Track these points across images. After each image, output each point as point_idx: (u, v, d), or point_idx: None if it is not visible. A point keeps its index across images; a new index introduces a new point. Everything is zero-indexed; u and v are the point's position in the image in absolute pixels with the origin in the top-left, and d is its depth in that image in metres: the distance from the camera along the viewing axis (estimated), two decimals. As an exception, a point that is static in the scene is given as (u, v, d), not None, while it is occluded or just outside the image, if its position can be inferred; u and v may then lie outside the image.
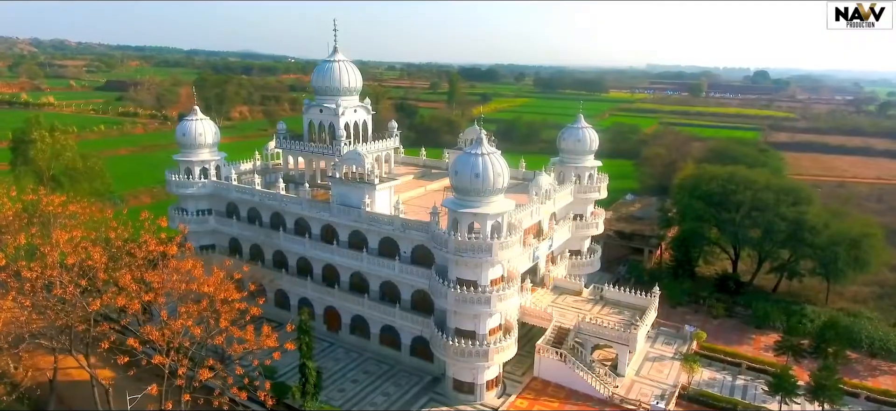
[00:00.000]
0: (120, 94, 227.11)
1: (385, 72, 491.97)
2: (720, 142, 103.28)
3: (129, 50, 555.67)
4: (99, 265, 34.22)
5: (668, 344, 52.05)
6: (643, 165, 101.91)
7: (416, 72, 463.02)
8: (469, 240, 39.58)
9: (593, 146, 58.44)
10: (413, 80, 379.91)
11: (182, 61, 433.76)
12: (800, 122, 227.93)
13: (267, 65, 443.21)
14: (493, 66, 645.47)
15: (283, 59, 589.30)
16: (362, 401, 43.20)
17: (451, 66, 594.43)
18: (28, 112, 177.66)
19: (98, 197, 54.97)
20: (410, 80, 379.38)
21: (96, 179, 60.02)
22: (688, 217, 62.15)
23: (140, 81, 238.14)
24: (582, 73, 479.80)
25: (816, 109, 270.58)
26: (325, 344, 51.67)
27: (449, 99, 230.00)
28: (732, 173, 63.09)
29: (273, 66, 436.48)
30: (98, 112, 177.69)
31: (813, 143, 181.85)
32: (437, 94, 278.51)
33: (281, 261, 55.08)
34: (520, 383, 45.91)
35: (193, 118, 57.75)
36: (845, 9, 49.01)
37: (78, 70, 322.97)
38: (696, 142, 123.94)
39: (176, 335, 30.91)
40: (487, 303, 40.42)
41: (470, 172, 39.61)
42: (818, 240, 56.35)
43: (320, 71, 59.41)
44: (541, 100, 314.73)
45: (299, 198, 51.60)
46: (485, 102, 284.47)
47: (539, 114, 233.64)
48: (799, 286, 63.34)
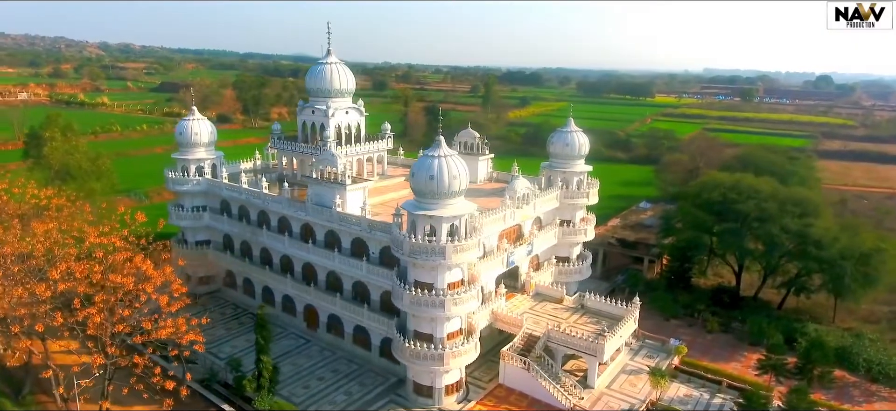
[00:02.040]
0: (170, 95, 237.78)
1: (430, 75, 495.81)
2: (749, 148, 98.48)
3: (188, 53, 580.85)
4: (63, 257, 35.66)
5: (650, 358, 50.09)
6: (663, 172, 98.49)
7: (461, 75, 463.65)
8: (424, 242, 39.41)
9: (583, 150, 57.08)
10: (455, 83, 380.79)
11: (235, 64, 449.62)
12: (858, 130, 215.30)
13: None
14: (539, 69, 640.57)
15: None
16: (323, 399, 43.60)
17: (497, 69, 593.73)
18: (83, 112, 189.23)
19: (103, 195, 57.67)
20: (453, 83, 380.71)
21: (103, 178, 63.18)
22: (685, 225, 59.66)
23: (190, 83, 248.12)
24: (630, 77, 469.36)
25: (879, 117, 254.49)
26: (303, 341, 52.52)
27: (484, 102, 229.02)
28: (737, 181, 60.11)
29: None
30: (145, 112, 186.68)
31: (869, 152, 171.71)
32: (476, 98, 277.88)
33: (267, 258, 56.34)
34: (484, 389, 45.27)
35: (190, 118, 60.01)
36: (845, 9, 48.13)
37: (137, 72, 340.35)
38: (730, 148, 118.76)
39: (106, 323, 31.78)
40: (442, 306, 40.10)
41: (425, 174, 39.44)
42: (825, 255, 52.99)
43: (313, 73, 60.62)
44: (582, 104, 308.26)
45: (280, 197, 52.68)
46: (523, 106, 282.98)
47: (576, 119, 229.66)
48: (806, 303, 59.79)
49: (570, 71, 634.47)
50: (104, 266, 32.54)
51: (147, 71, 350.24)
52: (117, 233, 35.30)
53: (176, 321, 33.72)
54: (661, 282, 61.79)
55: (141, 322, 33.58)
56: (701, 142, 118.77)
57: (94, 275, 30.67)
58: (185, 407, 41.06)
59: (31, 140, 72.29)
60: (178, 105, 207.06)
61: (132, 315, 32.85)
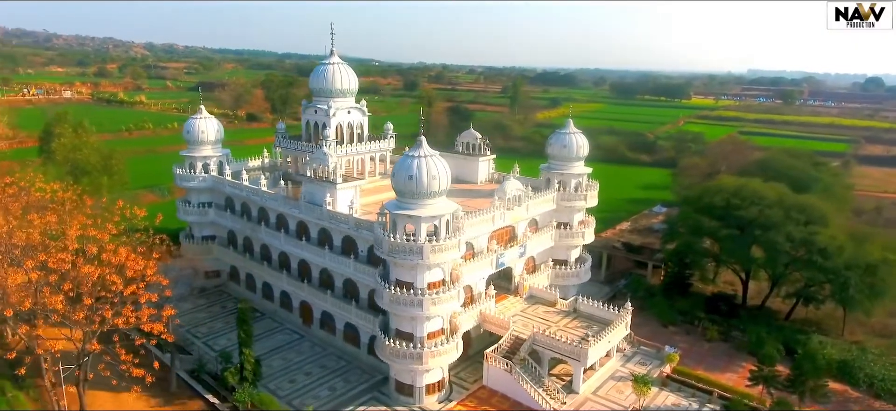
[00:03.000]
0: (206, 94, 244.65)
1: (463, 75, 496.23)
2: (773, 152, 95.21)
3: (229, 53, 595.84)
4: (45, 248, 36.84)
5: (643, 365, 49.20)
6: (680, 176, 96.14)
7: (495, 76, 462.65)
8: (403, 242, 39.73)
9: (581, 152, 56.32)
10: (487, 83, 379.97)
11: (273, 64, 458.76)
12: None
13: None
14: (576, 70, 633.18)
15: (368, 62, 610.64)
16: (306, 394, 44.38)
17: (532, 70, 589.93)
18: (121, 110, 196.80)
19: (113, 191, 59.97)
20: (484, 84, 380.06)
21: (114, 174, 65.81)
22: (685, 230, 58.23)
23: (226, 83, 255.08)
24: (668, 78, 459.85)
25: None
26: (297, 336, 53.53)
27: (511, 103, 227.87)
28: (741, 186, 58.35)
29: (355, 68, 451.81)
30: (179, 110, 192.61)
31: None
32: (505, 98, 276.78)
33: (267, 254, 57.60)
34: (467, 390, 45.29)
35: (197, 117, 61.88)
36: (845, 9, 47.84)
37: (177, 72, 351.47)
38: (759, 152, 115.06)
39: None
40: (420, 305, 40.35)
41: (405, 174, 39.75)
42: (830, 264, 50.99)
43: (316, 73, 61.70)
44: (614, 105, 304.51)
45: (276, 195, 53.83)
46: (554, 107, 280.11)
47: (606, 120, 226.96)
48: (816, 314, 57.62)
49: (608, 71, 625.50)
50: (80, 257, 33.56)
51: (187, 71, 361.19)
52: (101, 227, 36.54)
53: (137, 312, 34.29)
54: (662, 288, 60.40)
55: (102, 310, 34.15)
56: (726, 146, 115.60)
57: (64, 265, 31.89)
58: (173, 396, 42.62)
59: (44, 137, 75.90)
60: (213, 104, 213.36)
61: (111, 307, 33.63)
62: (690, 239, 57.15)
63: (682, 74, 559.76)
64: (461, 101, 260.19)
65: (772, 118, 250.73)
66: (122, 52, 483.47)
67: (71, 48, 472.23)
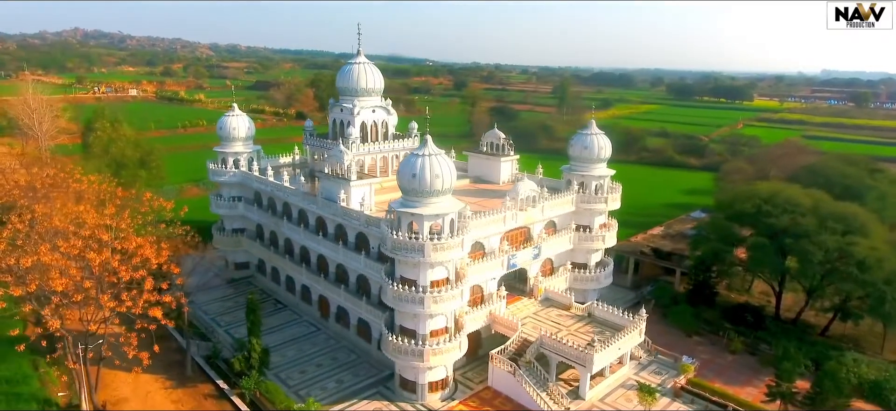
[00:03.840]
0: (261, 93, 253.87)
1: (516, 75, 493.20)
2: (823, 157, 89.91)
3: (289, 53, 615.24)
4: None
5: (657, 375, 47.70)
6: (723, 180, 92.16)
7: (548, 76, 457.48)
8: (406, 239, 40.08)
9: (603, 154, 55.04)
10: (539, 84, 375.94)
11: (329, 64, 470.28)
12: None
13: (402, 67, 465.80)
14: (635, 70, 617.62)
15: (422, 62, 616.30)
16: (314, 385, 45.42)
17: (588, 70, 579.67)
18: (181, 107, 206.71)
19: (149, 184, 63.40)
20: (536, 84, 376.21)
21: (151, 168, 69.42)
22: (712, 237, 55.89)
23: (281, 82, 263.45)
24: (732, 78, 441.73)
25: None
26: (314, 328, 54.88)
27: (559, 103, 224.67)
28: (775, 192, 55.45)
29: (406, 68, 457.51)
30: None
31: None
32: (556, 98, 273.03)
33: (290, 248, 59.29)
34: (472, 390, 45.20)
35: (229, 114, 64.40)
36: (845, 9, 48.47)
37: (238, 71, 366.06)
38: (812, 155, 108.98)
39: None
40: (421, 303, 40.57)
41: (408, 172, 40.09)
42: (869, 277, 47.83)
43: (342, 73, 62.93)
44: (670, 107, 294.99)
45: (296, 191, 55.34)
46: (605, 108, 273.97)
47: (658, 122, 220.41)
48: (854, 330, 54.14)
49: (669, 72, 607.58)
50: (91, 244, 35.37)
51: (247, 70, 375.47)
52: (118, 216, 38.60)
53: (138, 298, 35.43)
54: (685, 296, 58.22)
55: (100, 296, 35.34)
56: (776, 150, 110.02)
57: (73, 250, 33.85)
58: (188, 380, 44.60)
59: (86, 132, 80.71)
60: (266, 102, 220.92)
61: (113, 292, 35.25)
62: (718, 246, 54.82)
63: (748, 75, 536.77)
64: (509, 101, 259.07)
65: (841, 122, 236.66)
66: (189, 52, 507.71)
67: (142, 48, 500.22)
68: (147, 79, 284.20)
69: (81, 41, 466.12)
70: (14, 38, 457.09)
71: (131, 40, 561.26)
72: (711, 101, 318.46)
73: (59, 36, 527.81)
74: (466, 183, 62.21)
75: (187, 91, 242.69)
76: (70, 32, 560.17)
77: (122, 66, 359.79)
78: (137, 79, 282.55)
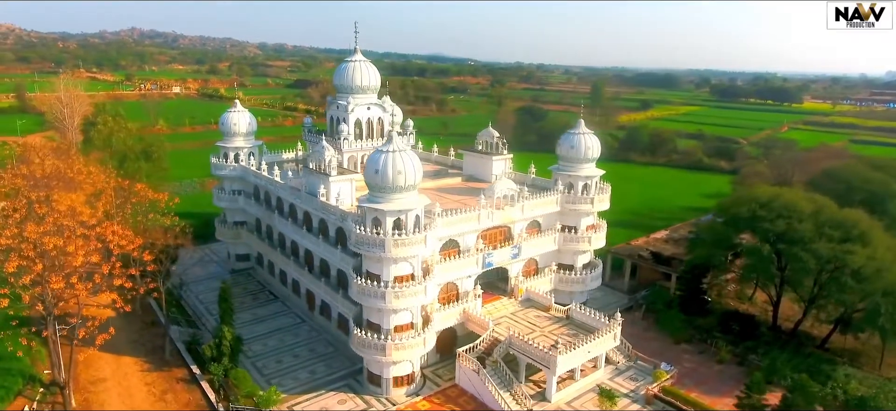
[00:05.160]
0: (300, 91, 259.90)
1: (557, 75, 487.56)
2: (849, 162, 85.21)
3: (333, 53, 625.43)
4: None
5: (633, 380, 46.53)
6: (740, 184, 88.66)
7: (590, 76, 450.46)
8: (369, 234, 40.52)
9: (590, 154, 54.02)
10: (578, 84, 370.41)
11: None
12: None
13: (443, 67, 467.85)
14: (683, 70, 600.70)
15: (465, 62, 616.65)
16: (286, 374, 46.42)
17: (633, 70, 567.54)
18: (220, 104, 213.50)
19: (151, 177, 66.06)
20: (575, 85, 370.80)
21: (154, 161, 72.24)
22: (706, 241, 53.97)
23: (320, 81, 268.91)
24: (784, 79, 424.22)
25: None
26: (299, 320, 56.04)
27: (592, 104, 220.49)
28: (774, 197, 53.05)
29: (446, 68, 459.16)
30: (269, 106, 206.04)
31: None
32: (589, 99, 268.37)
33: (283, 241, 60.70)
34: (439, 387, 45.25)
35: (231, 110, 66.38)
36: (845, 9, 48.64)
37: (281, 70, 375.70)
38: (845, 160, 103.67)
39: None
40: (383, 297, 40.94)
41: (371, 168, 40.53)
42: (866, 288, 45.36)
43: (338, 70, 63.99)
44: (714, 108, 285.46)
45: (285, 185, 56.61)
46: (644, 109, 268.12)
47: (696, 124, 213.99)
48: (856, 343, 51.35)
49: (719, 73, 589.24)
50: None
51: (290, 69, 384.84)
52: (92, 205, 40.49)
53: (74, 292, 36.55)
54: (675, 302, 56.45)
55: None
56: (807, 155, 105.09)
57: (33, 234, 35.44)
58: (165, 363, 46.34)
59: (88, 126, 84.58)
60: (301, 100, 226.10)
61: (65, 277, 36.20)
62: (710, 251, 52.96)
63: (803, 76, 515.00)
64: (544, 101, 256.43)
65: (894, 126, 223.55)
66: (238, 51, 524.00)
67: (194, 48, 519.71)
68: (193, 77, 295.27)
69: (137, 40, 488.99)
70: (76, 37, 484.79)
71: (184, 40, 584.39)
72: (758, 103, 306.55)
73: (117, 35, 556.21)
74: (459, 181, 62.31)
75: (227, 89, 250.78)
76: (127, 32, 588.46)
77: (173, 64, 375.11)
78: (184, 77, 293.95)
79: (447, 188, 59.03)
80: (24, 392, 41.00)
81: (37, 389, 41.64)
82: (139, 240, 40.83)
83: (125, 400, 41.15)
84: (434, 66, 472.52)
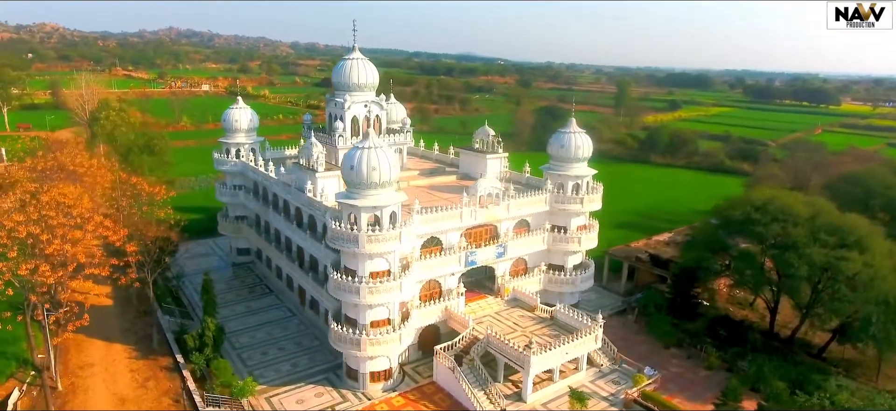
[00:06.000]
0: (325, 89, 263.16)
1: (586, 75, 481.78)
2: (868, 166, 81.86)
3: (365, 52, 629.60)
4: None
5: (615, 384, 45.80)
6: (752, 187, 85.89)
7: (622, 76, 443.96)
8: (343, 229, 40.93)
9: (580, 153, 53.33)
10: (606, 85, 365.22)
11: (400, 63, 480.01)
12: None
13: (470, 67, 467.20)
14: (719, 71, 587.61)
15: (495, 61, 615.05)
16: (269, 367, 47.17)
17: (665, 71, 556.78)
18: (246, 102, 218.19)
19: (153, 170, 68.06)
20: (603, 85, 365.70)
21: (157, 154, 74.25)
22: (696, 244, 52.69)
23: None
24: (823, 80, 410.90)
25: None
26: (290, 314, 56.90)
27: (616, 104, 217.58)
28: (769, 199, 51.46)
29: (474, 67, 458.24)
30: (292, 104, 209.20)
31: None
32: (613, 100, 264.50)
33: (278, 236, 61.72)
34: (417, 383, 45.38)
35: (233, 107, 67.77)
36: (845, 9, 48.53)
37: (310, 68, 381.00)
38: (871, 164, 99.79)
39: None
40: (357, 293, 41.27)
41: (347, 164, 40.92)
42: (860, 296, 43.72)
43: (336, 68, 64.54)
44: (743, 110, 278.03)
45: (278, 180, 57.53)
46: (672, 110, 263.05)
47: (724, 125, 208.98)
48: (856, 353, 49.45)
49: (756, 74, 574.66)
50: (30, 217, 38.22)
51: (319, 67, 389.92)
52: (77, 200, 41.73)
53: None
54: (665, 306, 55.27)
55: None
56: (835, 158, 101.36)
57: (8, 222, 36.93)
58: (152, 352, 47.65)
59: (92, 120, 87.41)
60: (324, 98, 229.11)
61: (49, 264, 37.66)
62: (700, 254, 51.71)
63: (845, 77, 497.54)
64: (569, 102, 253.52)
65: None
66: (270, 50, 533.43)
67: (228, 47, 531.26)
68: (224, 75, 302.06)
69: (174, 39, 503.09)
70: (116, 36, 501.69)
71: (219, 39, 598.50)
72: (793, 105, 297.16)
73: (155, 35, 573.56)
74: (454, 179, 62.29)
75: (254, 87, 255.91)
76: (165, 31, 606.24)
77: (207, 62, 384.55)
78: (215, 75, 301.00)
79: (439, 186, 59.07)
80: (16, 374, 42.72)
81: (28, 372, 43.36)
82: (123, 230, 42.04)
83: (109, 385, 42.51)
84: (463, 66, 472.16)
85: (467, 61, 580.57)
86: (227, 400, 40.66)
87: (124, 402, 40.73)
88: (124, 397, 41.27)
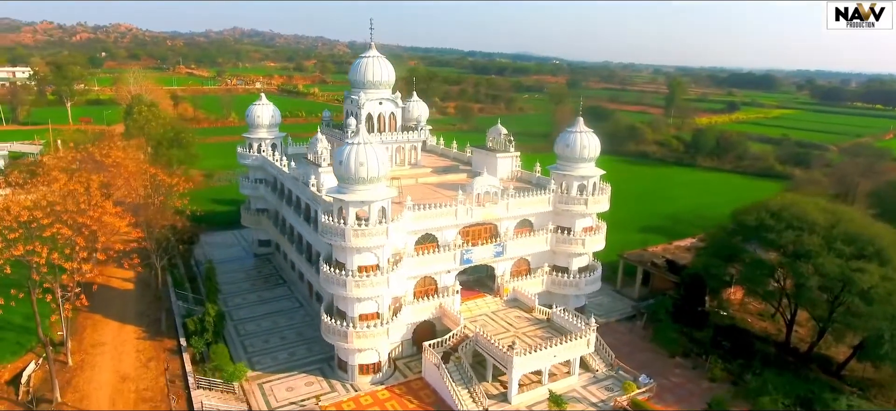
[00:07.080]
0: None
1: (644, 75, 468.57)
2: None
3: (419, 51, 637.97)
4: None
5: (608, 390, 44.59)
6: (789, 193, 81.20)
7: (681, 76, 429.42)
8: (332, 223, 41.77)
9: (586, 153, 52.06)
10: (660, 85, 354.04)
11: (452, 61, 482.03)
12: None
13: (522, 66, 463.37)
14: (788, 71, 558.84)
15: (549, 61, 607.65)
16: (268, 354, 48.59)
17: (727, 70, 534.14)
18: (294, 100, 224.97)
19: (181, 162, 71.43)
20: (657, 85, 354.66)
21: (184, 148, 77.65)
22: (707, 250, 50.44)
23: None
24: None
25: None
26: (297, 305, 58.46)
27: (667, 105, 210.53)
28: (786, 206, 48.68)
29: (526, 67, 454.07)
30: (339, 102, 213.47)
31: None
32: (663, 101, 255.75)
33: (291, 228, 63.47)
34: (406, 378, 45.70)
35: (257, 104, 70.16)
36: (845, 9, 48.51)
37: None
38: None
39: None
40: (344, 285, 42.01)
41: (337, 159, 41.72)
42: (876, 311, 40.81)
43: (353, 66, 65.99)
44: (808, 112, 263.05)
45: (289, 175, 59.17)
46: (730, 111, 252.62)
47: (783, 128, 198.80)
48: (878, 373, 46.14)
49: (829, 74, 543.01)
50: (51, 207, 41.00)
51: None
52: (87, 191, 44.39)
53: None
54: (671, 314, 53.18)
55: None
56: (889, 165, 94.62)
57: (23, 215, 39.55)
58: (160, 334, 50.08)
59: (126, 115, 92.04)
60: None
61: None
62: (708, 260, 49.53)
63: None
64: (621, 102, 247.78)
65: None
66: (328, 49, 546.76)
67: (288, 46, 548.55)
68: (280, 73, 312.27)
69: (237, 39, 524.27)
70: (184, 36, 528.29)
71: (280, 39, 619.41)
72: (865, 108, 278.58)
73: (220, 34, 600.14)
74: (465, 177, 62.14)
75: (305, 86, 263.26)
76: (230, 31, 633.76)
77: (265, 61, 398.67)
78: (272, 73, 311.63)
79: (448, 183, 59.09)
80: (35, 348, 45.94)
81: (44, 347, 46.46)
82: (129, 217, 44.44)
83: (115, 363, 45.05)
84: (516, 65, 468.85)
85: (522, 60, 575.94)
86: (219, 384, 42.28)
87: (125, 380, 43.07)
88: (126, 375, 43.64)
